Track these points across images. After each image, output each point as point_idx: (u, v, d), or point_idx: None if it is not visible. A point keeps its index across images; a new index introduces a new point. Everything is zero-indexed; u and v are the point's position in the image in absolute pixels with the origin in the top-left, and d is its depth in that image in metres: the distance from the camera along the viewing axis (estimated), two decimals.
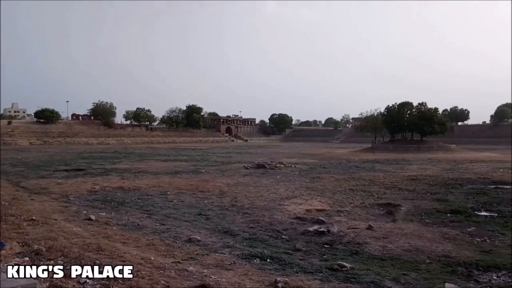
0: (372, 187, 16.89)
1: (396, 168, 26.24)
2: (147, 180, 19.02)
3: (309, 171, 24.31)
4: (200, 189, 16.06)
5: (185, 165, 28.67)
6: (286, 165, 27.81)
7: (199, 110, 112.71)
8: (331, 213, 11.51)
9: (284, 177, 20.63)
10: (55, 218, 10.06)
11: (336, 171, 24.25)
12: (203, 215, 11.04)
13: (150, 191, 15.44)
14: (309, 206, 12.51)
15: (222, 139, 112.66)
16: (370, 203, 13.11)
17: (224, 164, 29.83)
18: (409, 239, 8.51)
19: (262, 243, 8.24)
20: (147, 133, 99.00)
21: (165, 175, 21.47)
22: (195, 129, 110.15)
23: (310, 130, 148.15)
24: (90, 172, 22.75)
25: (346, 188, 16.54)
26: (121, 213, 11.11)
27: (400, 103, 56.32)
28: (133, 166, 27.00)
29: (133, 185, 17.03)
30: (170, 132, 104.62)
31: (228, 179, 19.67)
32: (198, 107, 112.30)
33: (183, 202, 13.10)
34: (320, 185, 17.58)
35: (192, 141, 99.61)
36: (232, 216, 10.90)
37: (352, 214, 11.41)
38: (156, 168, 25.94)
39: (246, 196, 14.36)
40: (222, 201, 13.44)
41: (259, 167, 26.00)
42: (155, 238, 8.38)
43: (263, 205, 12.69)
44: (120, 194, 14.75)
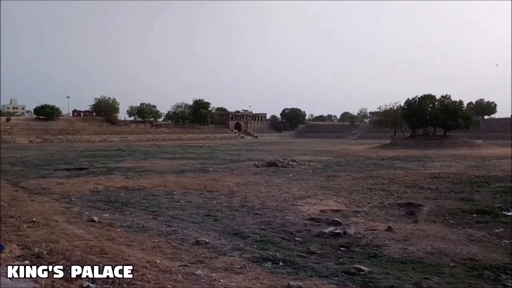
0: (392, 186, 16.82)
1: (417, 166, 26.07)
2: (152, 179, 19.13)
3: (323, 169, 24.28)
4: (208, 188, 16.14)
5: (192, 163, 28.79)
6: (299, 162, 27.78)
7: (207, 105, 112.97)
8: (348, 213, 11.50)
9: (297, 176, 20.62)
10: (56, 220, 10.17)
11: (353, 169, 24.19)
12: (211, 216, 11.09)
13: (156, 191, 15.53)
14: (324, 206, 12.50)
15: (231, 136, 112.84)
16: (389, 203, 13.06)
17: (233, 162, 29.90)
18: (431, 241, 8.46)
19: (274, 246, 8.26)
20: (151, 130, 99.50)
21: (171, 174, 21.59)
22: (203, 125, 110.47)
23: (324, 126, 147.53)
24: (92, 171, 22.96)
25: (363, 187, 16.51)
26: (125, 214, 11.21)
27: (421, 96, 55.80)
28: (137, 165, 27.16)
29: (137, 184, 17.16)
30: (176, 128, 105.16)
31: (237, 178, 19.72)
32: (206, 102, 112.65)
33: (190, 203, 13.16)
34: (335, 184, 17.57)
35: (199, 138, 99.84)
36: (242, 217, 10.94)
37: (370, 214, 11.38)
38: (161, 166, 26.08)
39: (257, 196, 14.39)
40: (232, 201, 13.49)
41: (270, 165, 26.00)
42: (161, 241, 8.43)
43: (275, 205, 12.71)
44: (124, 194, 14.87)
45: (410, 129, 59.97)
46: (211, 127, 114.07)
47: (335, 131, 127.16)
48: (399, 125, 65.51)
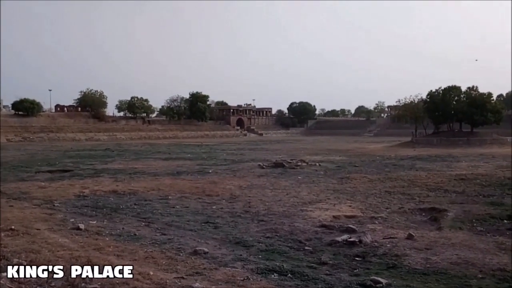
0: (413, 189, 16.84)
1: (441, 166, 26.06)
2: (144, 182, 19.24)
3: (336, 170, 24.35)
4: (207, 192, 16.21)
5: (189, 164, 28.92)
6: (309, 163, 27.86)
7: (205, 98, 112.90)
8: (364, 220, 11.52)
9: (306, 178, 20.70)
10: (37, 228, 10.20)
11: (369, 170, 24.24)
12: (211, 223, 11.13)
13: (149, 195, 15.61)
14: (337, 211, 12.52)
15: (232, 133, 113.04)
16: (410, 208, 13.08)
17: (236, 162, 30.03)
18: (457, 250, 8.46)
19: (281, 256, 8.28)
20: (144, 127, 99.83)
21: (166, 176, 21.71)
22: (201, 121, 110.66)
23: (337, 121, 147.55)
24: (78, 174, 23.08)
25: (381, 190, 16.55)
26: (114, 221, 11.26)
27: (445, 88, 55.66)
28: (128, 166, 27.30)
29: (128, 188, 17.25)
30: (171, 125, 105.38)
31: (240, 180, 19.82)
32: (204, 95, 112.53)
33: (187, 208, 13.21)
34: (350, 187, 17.63)
35: (197, 135, 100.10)
36: (245, 224, 10.98)
37: (388, 221, 11.41)
38: (155, 168, 26.23)
39: (262, 201, 14.44)
40: (234, 206, 13.55)
41: (276, 166, 26.08)
42: (154, 250, 8.47)
43: (282, 211, 12.74)
44: (113, 199, 14.96)
45: (433, 125, 59.81)
46: (210, 123, 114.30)
47: (349, 128, 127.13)
48: (420, 121, 65.39)
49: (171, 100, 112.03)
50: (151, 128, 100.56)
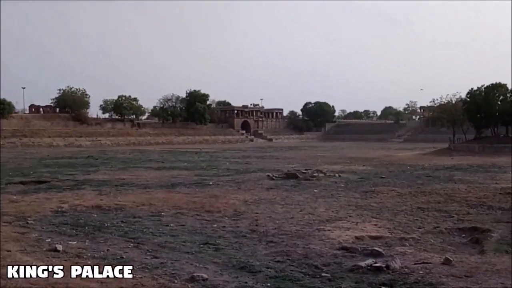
0: (450, 205, 16.79)
1: (484, 178, 26.02)
2: (133, 196, 19.37)
3: (359, 182, 24.45)
4: (207, 208, 16.26)
5: (186, 174, 29.09)
6: (327, 174, 27.94)
7: (204, 97, 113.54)
8: (392, 241, 11.49)
9: (324, 191, 20.76)
10: (8, 249, 10.19)
11: (399, 182, 24.31)
12: (211, 244, 11.13)
13: (138, 211, 15.68)
14: (360, 231, 12.51)
15: (236, 138, 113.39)
16: (447, 228, 13.03)
17: (240, 173, 30.23)
18: (503, 278, 8.37)
19: (293, 283, 8.24)
20: (133, 131, 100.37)
21: (159, 188, 21.84)
22: (199, 124, 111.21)
23: (360, 125, 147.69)
24: (55, 185, 23.22)
25: (412, 207, 16.54)
26: (98, 242, 11.27)
27: (488, 86, 55.51)
28: (114, 177, 27.50)
29: (114, 203, 17.32)
30: (165, 129, 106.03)
31: (245, 194, 19.92)
32: (203, 93, 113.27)
33: (183, 227, 13.24)
34: (375, 202, 17.66)
35: (195, 141, 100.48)
36: (251, 246, 10.97)
37: (421, 242, 11.36)
38: (145, 179, 26.40)
39: (271, 218, 14.44)
40: (238, 224, 13.57)
41: (289, 177, 26.20)
42: (144, 276, 8.43)
43: (295, 230, 12.73)
44: (96, 215, 15.00)
45: (474, 129, 59.57)
46: (211, 126, 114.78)
47: (375, 132, 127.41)
48: (459, 124, 65.23)
49: (164, 100, 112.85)
50: (141, 132, 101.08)
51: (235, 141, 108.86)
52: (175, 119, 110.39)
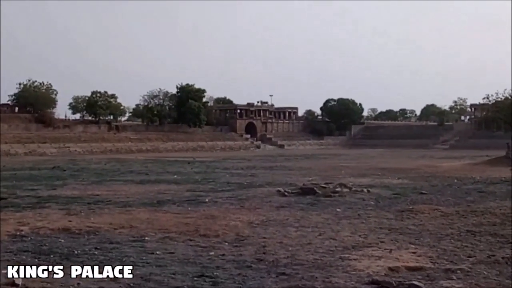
0: (508, 228, 16.47)
1: None
2: (110, 216, 19.02)
3: (394, 199, 24.13)
4: (202, 231, 15.95)
5: (176, 190, 28.82)
6: (353, 189, 27.51)
7: (200, 94, 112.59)
8: (435, 273, 11.12)
9: (349, 210, 20.43)
10: None
11: (443, 199, 23.92)
12: (207, 277, 10.81)
13: (116, 236, 15.36)
14: (394, 261, 12.18)
15: (239, 144, 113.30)
16: (504, 256, 12.64)
17: (244, 188, 29.88)
18: None
19: None
20: (110, 136, 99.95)
21: (141, 207, 21.51)
22: (193, 126, 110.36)
23: (395, 127, 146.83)
24: (13, 203, 22.78)
25: (460, 230, 16.22)
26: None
27: None
28: (86, 193, 27.13)
29: (86, 225, 17.00)
30: (150, 132, 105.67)
31: (250, 214, 19.60)
32: (198, 88, 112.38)
33: (172, 255, 12.89)
34: (414, 224, 17.30)
35: (188, 147, 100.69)
36: (258, 279, 10.67)
37: (472, 275, 10.99)
38: (125, 195, 26.10)
39: (283, 244, 14.11)
40: (241, 252, 13.24)
41: (304, 193, 25.79)
42: None
43: (312, 259, 12.38)
44: (64, 240, 14.67)
45: None
46: (207, 130, 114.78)
47: (413, 137, 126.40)
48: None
49: (149, 97, 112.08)
50: (121, 137, 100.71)
51: (237, 148, 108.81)
52: (162, 120, 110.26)
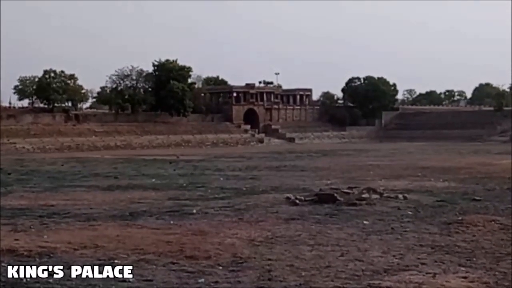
0: None
1: None
2: (69, 233, 17.23)
3: (438, 208, 21.99)
4: (189, 252, 14.37)
5: (155, 197, 26.53)
6: (385, 195, 25.38)
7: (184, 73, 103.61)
8: None
9: (380, 223, 18.60)
10: None
11: (502, 207, 21.95)
12: None
13: (77, 258, 13.64)
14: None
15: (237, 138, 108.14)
16: None
17: (243, 195, 27.42)
18: None
19: None
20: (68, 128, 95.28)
21: (110, 221, 19.71)
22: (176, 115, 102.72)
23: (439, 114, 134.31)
24: None
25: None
26: None
27: None
28: (37, 203, 24.99)
29: (38, 245, 15.37)
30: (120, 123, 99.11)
31: (251, 228, 17.82)
32: (182, 66, 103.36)
33: (149, 283, 11.59)
34: (464, 241, 15.70)
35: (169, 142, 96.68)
36: None
37: None
38: (89, 205, 23.96)
39: (294, 268, 12.68)
40: (239, 278, 12.03)
41: (321, 201, 23.51)
42: None
43: (332, 287, 11.39)
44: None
45: None
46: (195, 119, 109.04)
47: (462, 126, 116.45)
48: None
49: (119, 77, 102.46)
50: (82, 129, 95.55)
51: (234, 143, 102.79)
52: (136, 107, 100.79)
